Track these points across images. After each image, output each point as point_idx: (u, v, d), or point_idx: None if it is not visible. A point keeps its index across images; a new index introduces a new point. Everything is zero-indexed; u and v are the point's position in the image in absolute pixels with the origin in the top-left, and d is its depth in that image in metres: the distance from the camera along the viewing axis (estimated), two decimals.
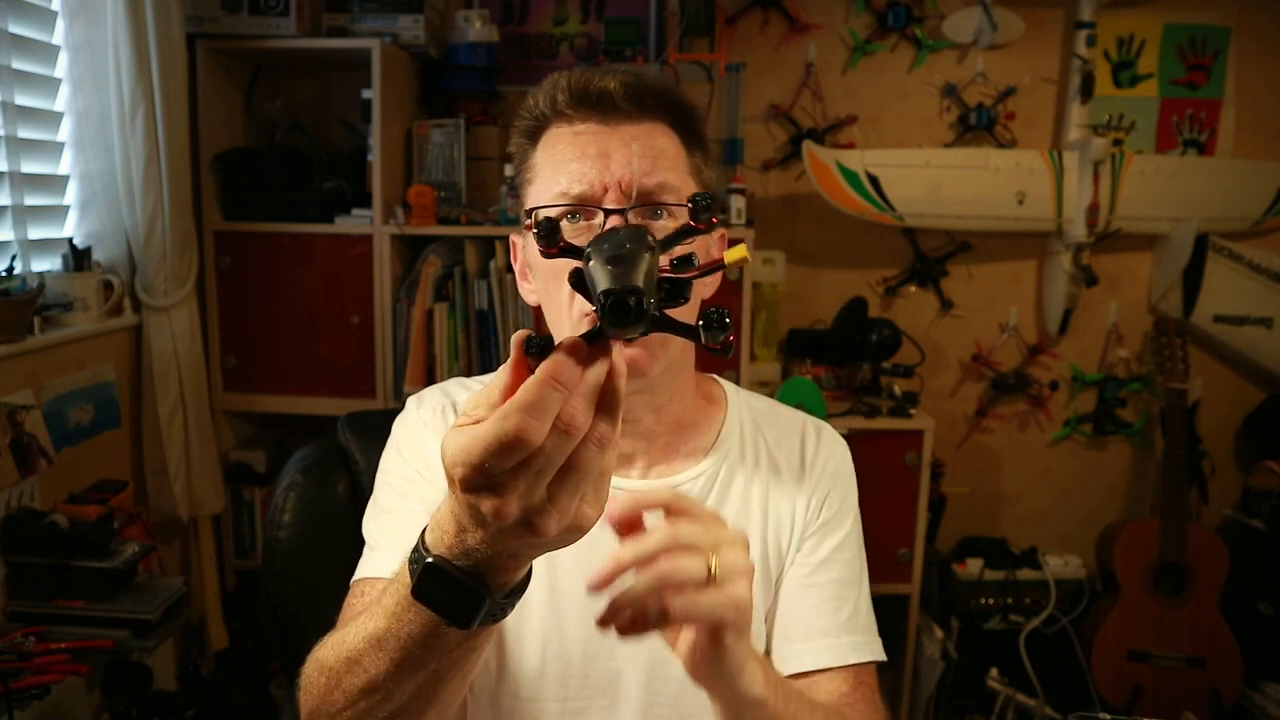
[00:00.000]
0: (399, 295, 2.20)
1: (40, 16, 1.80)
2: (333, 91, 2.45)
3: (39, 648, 1.47)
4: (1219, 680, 2.28)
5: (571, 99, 0.86)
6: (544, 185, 0.87)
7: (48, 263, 1.83)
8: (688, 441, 0.96)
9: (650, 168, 0.84)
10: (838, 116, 2.51)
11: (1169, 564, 2.31)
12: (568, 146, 0.86)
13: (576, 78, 0.86)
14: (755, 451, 0.98)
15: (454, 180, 2.25)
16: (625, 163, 0.83)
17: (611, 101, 0.85)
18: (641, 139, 0.85)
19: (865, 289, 2.59)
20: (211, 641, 2.21)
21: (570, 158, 0.85)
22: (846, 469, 1.01)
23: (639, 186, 0.83)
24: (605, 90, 0.84)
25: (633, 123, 0.86)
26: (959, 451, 2.67)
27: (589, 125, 0.86)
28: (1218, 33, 2.48)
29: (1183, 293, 2.53)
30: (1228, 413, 2.64)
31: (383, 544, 0.91)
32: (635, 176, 0.83)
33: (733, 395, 1.01)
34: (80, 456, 1.81)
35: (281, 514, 1.15)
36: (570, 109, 0.86)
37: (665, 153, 0.86)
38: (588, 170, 0.84)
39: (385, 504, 0.94)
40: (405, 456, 0.95)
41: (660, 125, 0.87)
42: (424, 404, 0.98)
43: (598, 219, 0.83)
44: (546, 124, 0.89)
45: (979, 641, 2.43)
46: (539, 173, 0.88)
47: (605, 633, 0.62)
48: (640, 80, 0.86)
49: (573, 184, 0.84)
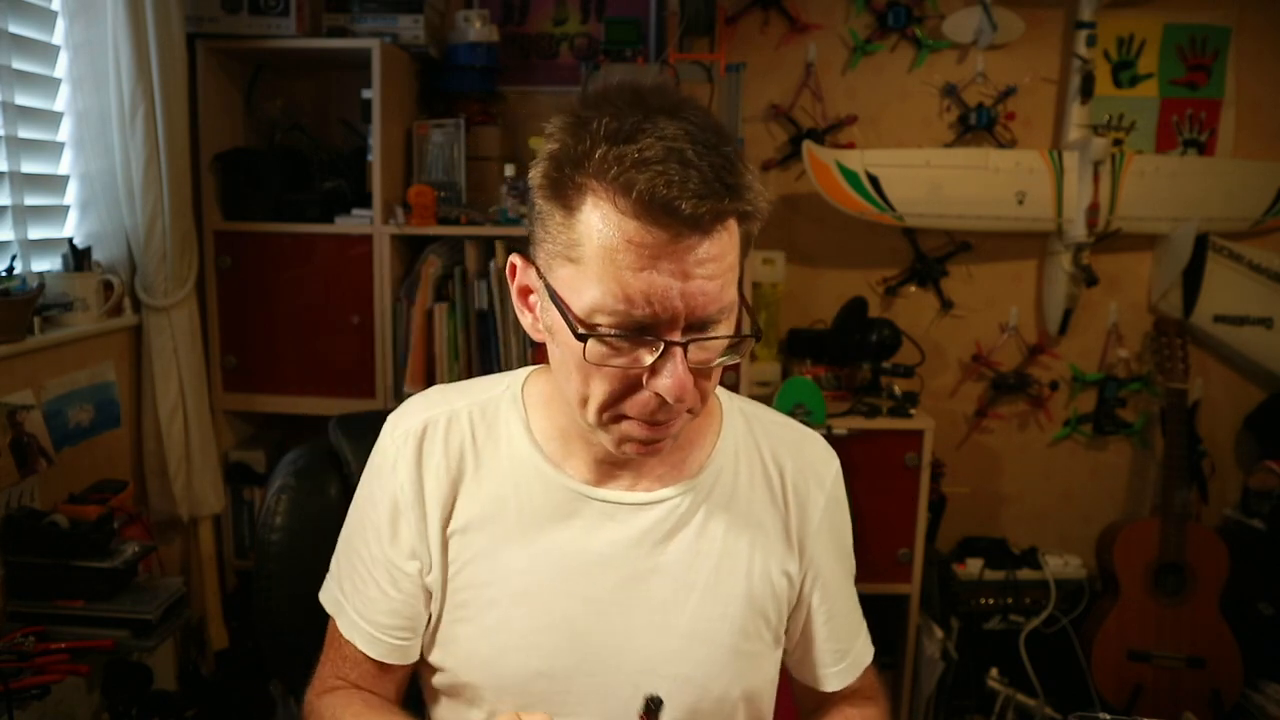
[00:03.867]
0: (399, 295, 2.20)
1: (40, 16, 1.80)
2: (333, 91, 2.44)
3: (39, 648, 1.47)
4: (1219, 680, 2.28)
5: (649, 206, 0.71)
6: (594, 285, 0.74)
7: (48, 263, 1.83)
8: (681, 458, 0.93)
9: (718, 294, 0.75)
10: (838, 116, 2.51)
11: (1169, 564, 2.31)
12: (631, 255, 0.72)
13: (658, 185, 0.70)
14: (749, 464, 0.96)
15: (454, 180, 2.25)
16: (698, 291, 0.73)
17: (694, 222, 0.71)
18: (713, 258, 0.74)
19: (865, 289, 2.59)
20: (211, 641, 2.21)
21: (632, 268, 0.72)
22: (840, 480, 1.01)
23: (701, 316, 0.75)
24: (694, 216, 0.71)
25: (706, 239, 0.73)
26: (959, 451, 2.67)
27: (659, 235, 0.71)
28: (1218, 33, 2.48)
29: (1183, 293, 2.53)
30: (1228, 413, 2.64)
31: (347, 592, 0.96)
32: (703, 306, 0.74)
33: (727, 405, 0.99)
34: (80, 456, 1.80)
35: (274, 517, 1.15)
36: (640, 213, 0.72)
37: (731, 264, 0.76)
38: (654, 297, 0.73)
39: (354, 545, 0.96)
40: (375, 504, 0.94)
41: (729, 228, 0.75)
42: (399, 426, 0.94)
43: (655, 345, 0.76)
44: (595, 197, 0.73)
45: (979, 641, 2.43)
46: (587, 259, 0.74)
47: None
48: (728, 191, 0.72)
49: (634, 307, 0.73)
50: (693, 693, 0.90)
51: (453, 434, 0.93)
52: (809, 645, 1.00)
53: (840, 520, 1.01)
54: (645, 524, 0.90)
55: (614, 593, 0.90)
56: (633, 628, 0.90)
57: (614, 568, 0.90)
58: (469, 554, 0.91)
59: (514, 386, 0.96)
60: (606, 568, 0.90)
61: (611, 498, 0.90)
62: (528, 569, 0.90)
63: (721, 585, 0.91)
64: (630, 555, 0.90)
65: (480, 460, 0.92)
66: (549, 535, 0.90)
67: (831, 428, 2.18)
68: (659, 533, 0.90)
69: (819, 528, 0.97)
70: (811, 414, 2.17)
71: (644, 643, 0.90)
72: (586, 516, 0.90)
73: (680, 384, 0.75)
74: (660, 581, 0.90)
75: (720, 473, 0.94)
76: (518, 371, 0.98)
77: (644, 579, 0.90)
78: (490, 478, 0.92)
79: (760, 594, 0.93)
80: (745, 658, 0.93)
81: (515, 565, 0.90)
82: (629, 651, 0.90)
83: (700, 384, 0.80)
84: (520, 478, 0.91)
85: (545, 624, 0.89)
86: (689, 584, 0.91)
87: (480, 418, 0.94)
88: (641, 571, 0.90)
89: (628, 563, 0.90)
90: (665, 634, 0.90)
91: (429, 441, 0.92)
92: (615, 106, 0.74)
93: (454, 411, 0.94)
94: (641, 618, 0.90)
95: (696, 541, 0.91)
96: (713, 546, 0.92)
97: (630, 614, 0.90)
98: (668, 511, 0.91)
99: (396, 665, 0.95)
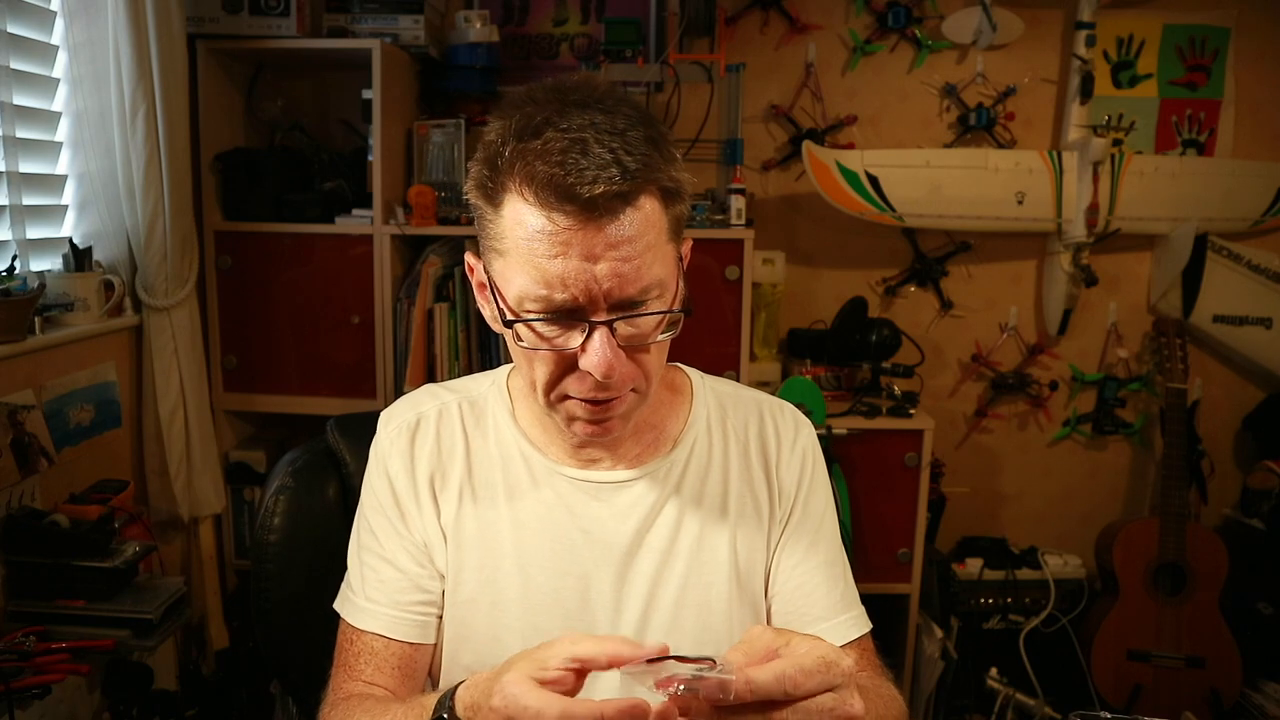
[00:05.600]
0: (399, 295, 2.20)
1: (40, 16, 1.80)
2: (333, 91, 2.45)
3: (39, 647, 1.47)
4: (1218, 680, 2.28)
5: (550, 193, 0.75)
6: (518, 274, 0.79)
7: (48, 263, 1.84)
8: (656, 434, 0.97)
9: (635, 273, 0.77)
10: (837, 117, 2.51)
11: (1168, 564, 2.31)
12: (544, 243, 0.76)
13: (556, 172, 0.74)
14: (723, 436, 0.99)
15: (454, 180, 2.25)
16: (612, 272, 0.76)
17: (596, 204, 0.75)
18: (627, 237, 0.76)
19: (865, 289, 2.59)
20: (212, 641, 2.21)
21: (547, 255, 0.76)
22: (812, 444, 1.02)
23: (623, 295, 0.78)
24: (592, 198, 0.74)
25: (615, 219, 0.76)
26: (959, 451, 2.67)
27: (568, 221, 0.75)
28: (1217, 33, 2.48)
29: (1182, 293, 2.54)
30: (1227, 413, 2.65)
31: (356, 590, 0.96)
32: (621, 285, 0.77)
33: (698, 383, 1.02)
34: (81, 456, 1.81)
35: (272, 517, 1.15)
36: (546, 201, 0.76)
37: (649, 243, 0.78)
38: (569, 279, 0.76)
39: (363, 542, 0.98)
40: (377, 496, 0.97)
41: (644, 203, 0.78)
42: (391, 421, 0.99)
43: (580, 327, 0.79)
44: (509, 194, 0.78)
45: (979, 641, 2.43)
46: (509, 251, 0.79)
47: None
48: (626, 174, 0.75)
49: (554, 290, 0.77)
50: None
51: (444, 425, 0.98)
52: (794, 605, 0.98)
53: (816, 481, 1.01)
54: (627, 501, 0.94)
55: (602, 569, 0.93)
56: (623, 603, 0.93)
57: (601, 545, 0.93)
58: (462, 538, 0.95)
59: (499, 380, 1.01)
60: (594, 546, 0.93)
61: (594, 478, 0.94)
62: (518, 551, 0.93)
63: (704, 554, 0.95)
64: (616, 533, 0.94)
65: (471, 449, 0.97)
66: (538, 518, 0.94)
67: (831, 428, 2.18)
68: (641, 509, 0.94)
69: (795, 490, 0.99)
70: (811, 414, 2.16)
71: (633, 616, 0.93)
72: (572, 498, 0.94)
73: (607, 362, 0.78)
74: (646, 556, 0.94)
75: (694, 446, 0.97)
76: (502, 367, 1.04)
77: (630, 554, 0.93)
78: (480, 465, 0.96)
79: (744, 560, 0.96)
80: (734, 624, 0.95)
81: (506, 548, 0.94)
82: (620, 626, 0.93)
83: (640, 361, 0.84)
84: (508, 464, 0.96)
85: (538, 603, 0.92)
86: (673, 556, 0.94)
87: (470, 410, 0.99)
88: (628, 547, 0.93)
89: (614, 540, 0.93)
90: (653, 606, 0.93)
91: (421, 434, 0.97)
92: (534, 104, 0.79)
93: (444, 405, 0.99)
94: (630, 591, 0.93)
95: (678, 515, 0.95)
96: (693, 518, 0.95)
97: (619, 589, 0.93)
98: (649, 486, 0.95)
99: (417, 649, 0.94)
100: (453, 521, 0.95)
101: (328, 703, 0.93)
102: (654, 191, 0.79)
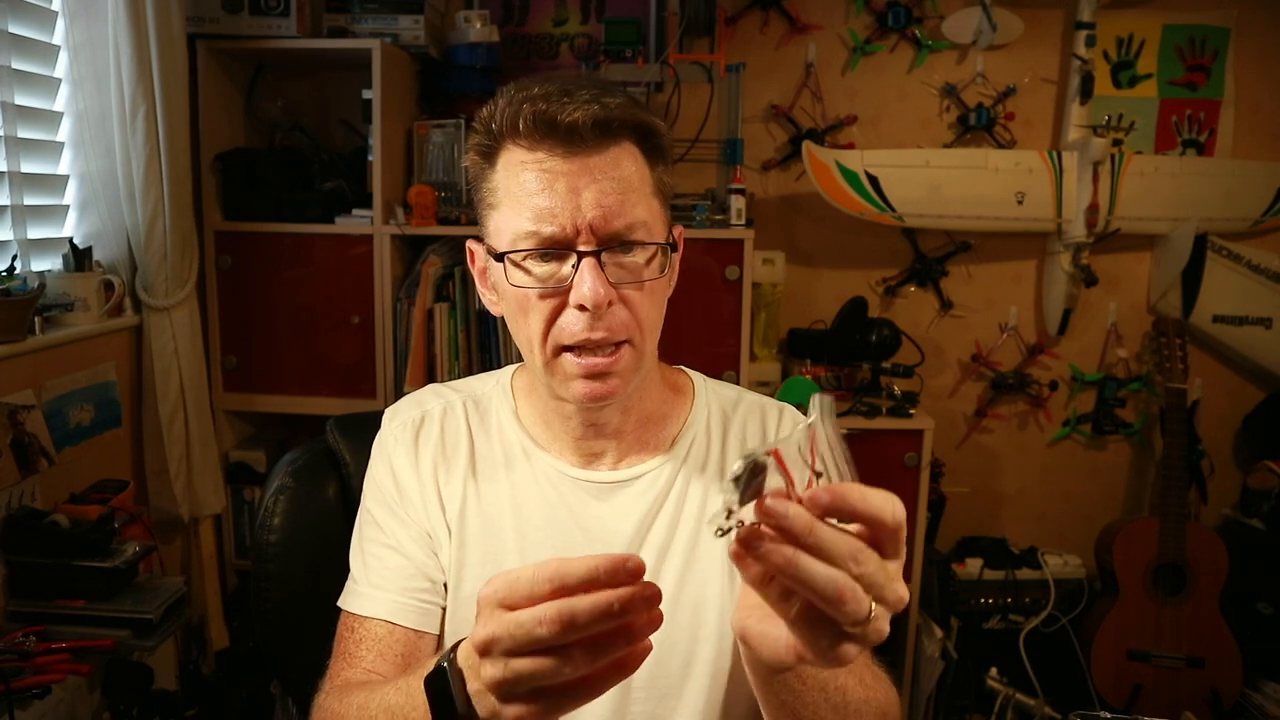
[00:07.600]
0: (399, 295, 2.20)
1: (40, 16, 1.80)
2: (333, 91, 2.45)
3: (40, 647, 1.47)
4: (1218, 680, 2.28)
5: (535, 128, 0.82)
6: (510, 218, 0.84)
7: (48, 263, 1.84)
8: (656, 433, 0.98)
9: (619, 206, 0.82)
10: (837, 117, 2.51)
11: (1168, 564, 2.31)
12: (532, 178, 0.82)
13: (540, 106, 0.82)
14: (722, 437, 1.00)
15: (454, 180, 2.25)
16: (595, 203, 0.81)
17: (578, 134, 0.81)
18: (609, 172, 0.82)
19: (865, 289, 2.59)
20: (212, 641, 2.21)
21: (535, 191, 0.82)
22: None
23: (609, 229, 0.82)
24: (572, 124, 0.81)
25: (598, 153, 0.83)
26: (959, 451, 2.67)
27: (554, 157, 0.82)
28: (1217, 33, 2.48)
29: (1182, 293, 2.54)
30: (1227, 413, 2.65)
31: (359, 579, 0.96)
32: (606, 217, 0.82)
33: (700, 385, 1.04)
34: (81, 456, 1.81)
35: (271, 517, 1.15)
36: (532, 137, 0.83)
37: (632, 184, 0.84)
38: (557, 210, 0.81)
39: (367, 534, 0.98)
40: (381, 487, 0.98)
41: (626, 147, 0.85)
42: (396, 417, 1.00)
43: (570, 260, 0.83)
44: (504, 144, 0.85)
45: (979, 641, 2.43)
46: (502, 199, 0.85)
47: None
48: (606, 108, 0.82)
49: (542, 224, 0.82)
50: (682, 654, 0.93)
51: (449, 423, 0.99)
52: None
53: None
54: (628, 499, 0.95)
55: None
56: None
57: (601, 545, 0.94)
58: (465, 534, 0.95)
59: (503, 380, 1.03)
60: (594, 545, 0.94)
61: (596, 478, 0.96)
62: (521, 549, 0.94)
63: (701, 547, 0.95)
64: (616, 531, 0.95)
65: (475, 448, 0.99)
66: (540, 515, 0.95)
67: None
68: (642, 506, 0.95)
69: None
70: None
71: None
72: (574, 497, 0.95)
73: (596, 291, 0.81)
74: (645, 554, 0.94)
75: (694, 442, 0.99)
76: (506, 368, 1.05)
77: (630, 550, 0.94)
78: (484, 462, 0.98)
79: None
80: (729, 622, 0.94)
81: (509, 544, 0.94)
82: None
83: (633, 307, 0.85)
84: (512, 463, 0.97)
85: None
86: (671, 553, 0.95)
87: (474, 409, 1.01)
88: (630, 544, 0.94)
89: (614, 539, 0.94)
90: None
91: (426, 430, 0.99)
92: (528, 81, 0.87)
93: (449, 403, 1.01)
94: None
95: (676, 510, 0.96)
96: (690, 512, 0.96)
97: None
98: (648, 484, 0.96)
99: (421, 637, 0.93)
100: (457, 516, 0.95)
101: (323, 690, 0.91)
102: (634, 138, 0.85)
